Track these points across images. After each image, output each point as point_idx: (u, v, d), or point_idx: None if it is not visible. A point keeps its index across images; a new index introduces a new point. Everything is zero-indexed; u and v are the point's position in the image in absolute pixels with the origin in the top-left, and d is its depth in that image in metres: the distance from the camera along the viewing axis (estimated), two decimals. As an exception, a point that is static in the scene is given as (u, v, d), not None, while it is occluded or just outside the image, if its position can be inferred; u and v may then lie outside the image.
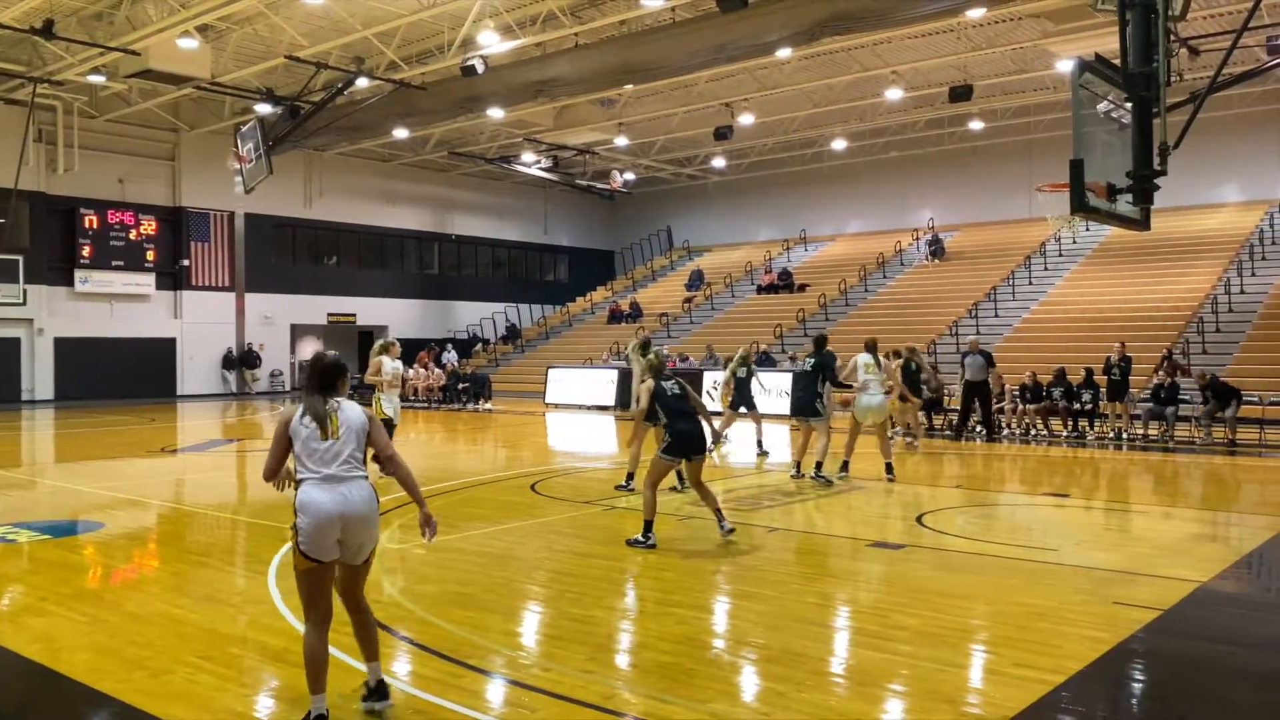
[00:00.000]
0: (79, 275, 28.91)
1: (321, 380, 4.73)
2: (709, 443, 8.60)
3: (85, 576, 7.70)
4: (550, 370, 28.52)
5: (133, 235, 29.84)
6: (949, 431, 18.78)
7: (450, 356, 32.31)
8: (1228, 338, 21.76)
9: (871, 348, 12.30)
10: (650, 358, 9.03)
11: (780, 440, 17.18)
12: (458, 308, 39.10)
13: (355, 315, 35.75)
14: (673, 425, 8.54)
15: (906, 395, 14.83)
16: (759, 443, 15.55)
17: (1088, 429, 18.03)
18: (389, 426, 12.71)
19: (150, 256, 30.26)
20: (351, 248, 36.40)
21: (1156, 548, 8.52)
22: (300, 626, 5.84)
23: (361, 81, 23.28)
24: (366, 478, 4.63)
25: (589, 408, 26.06)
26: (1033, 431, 18.18)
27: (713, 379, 22.79)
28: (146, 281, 30.37)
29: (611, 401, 25.81)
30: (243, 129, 25.15)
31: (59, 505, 11.10)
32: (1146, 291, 25.22)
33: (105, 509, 10.62)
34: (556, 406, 26.82)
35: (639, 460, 11.19)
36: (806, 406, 12.30)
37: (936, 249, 32.39)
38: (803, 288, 32.91)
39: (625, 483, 11.51)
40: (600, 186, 36.89)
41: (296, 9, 21.14)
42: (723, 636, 6.20)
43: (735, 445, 16.37)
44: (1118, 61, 9.39)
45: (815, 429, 12.34)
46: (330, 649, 4.64)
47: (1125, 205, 9.50)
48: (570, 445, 19.54)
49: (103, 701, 4.92)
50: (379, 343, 13.40)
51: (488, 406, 26.72)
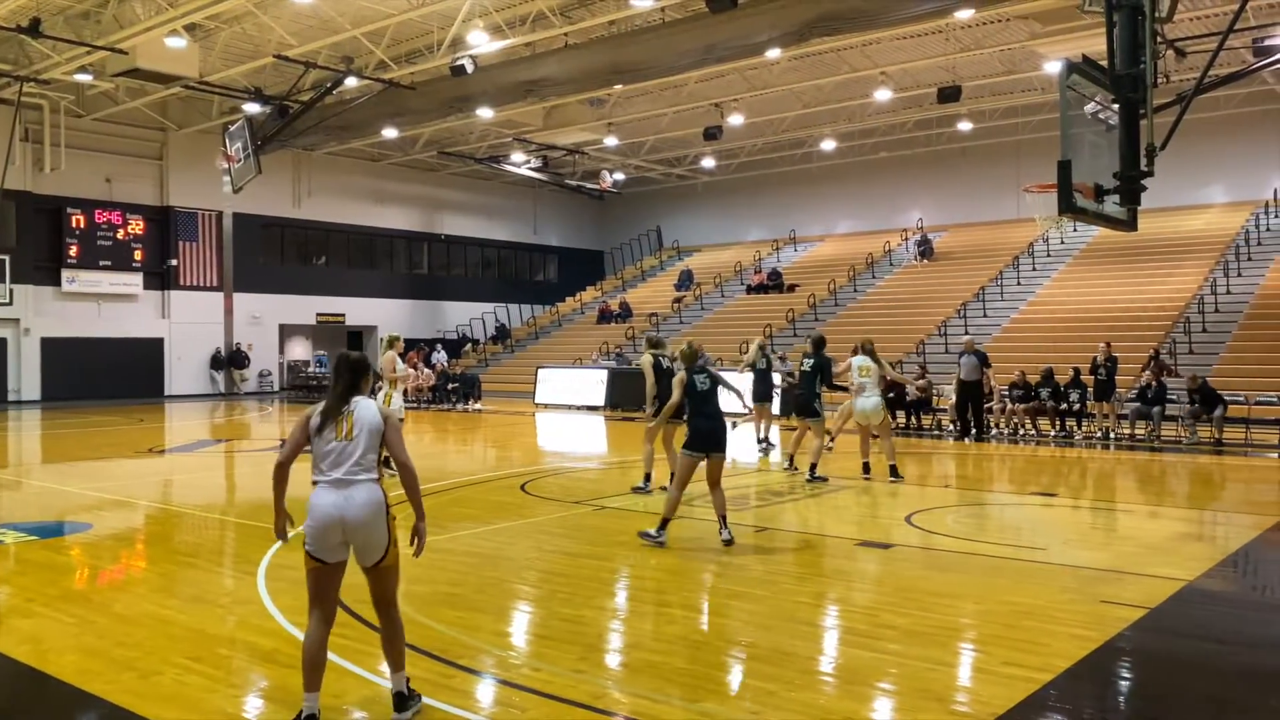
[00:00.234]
0: (66, 275, 28.79)
1: (343, 377, 4.72)
2: (748, 405, 8.75)
3: (73, 577, 7.66)
4: (540, 370, 28.51)
5: (120, 235, 29.73)
6: (937, 431, 18.85)
7: (439, 357, 32.27)
8: (1214, 338, 21.88)
9: (868, 350, 12.30)
10: (685, 348, 8.93)
11: (776, 437, 17.17)
12: (447, 308, 39.05)
13: (344, 315, 35.68)
14: (693, 421, 8.55)
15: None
16: (763, 439, 15.25)
17: (1075, 429, 18.14)
18: None
19: (138, 256, 30.16)
20: (340, 247, 36.32)
21: (1143, 547, 8.56)
22: (290, 627, 5.89)
23: (350, 81, 23.23)
24: (376, 480, 4.61)
25: (578, 408, 26.06)
26: (1021, 431, 18.26)
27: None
28: (134, 281, 30.25)
29: (601, 401, 25.84)
30: (231, 128, 25.08)
31: (46, 506, 11.04)
32: (1134, 292, 25.34)
33: (93, 510, 10.57)
34: (546, 407, 26.81)
35: (653, 460, 11.18)
36: (805, 406, 12.38)
37: (925, 249, 32.48)
38: (792, 288, 32.97)
39: (642, 484, 11.21)
40: (590, 186, 36.93)
41: (285, 8, 21.08)
42: (713, 636, 6.21)
43: (736, 442, 16.19)
44: (1105, 63, 9.45)
45: (812, 428, 12.38)
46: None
47: (1112, 206, 9.56)
48: (560, 445, 19.53)
49: (91, 703, 4.90)
50: (387, 337, 13.24)
51: (477, 407, 26.69)
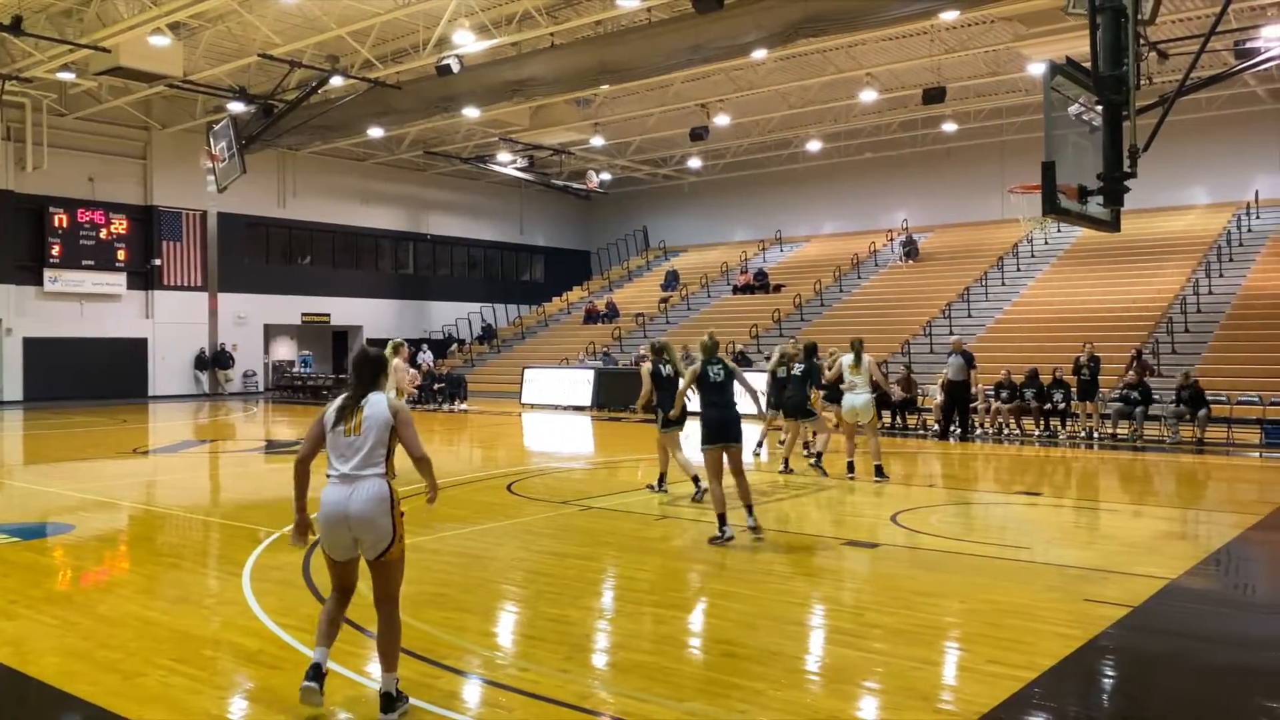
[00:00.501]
0: (48, 275, 28.58)
1: (356, 375, 4.79)
2: (763, 411, 9.18)
3: (55, 579, 7.61)
4: (526, 370, 28.46)
5: (103, 234, 29.54)
6: (923, 430, 18.92)
7: (426, 357, 32.16)
8: (1196, 338, 22.03)
9: (856, 349, 12.43)
10: (705, 340, 9.09)
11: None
12: (433, 308, 38.95)
13: (329, 315, 35.55)
14: (705, 413, 8.69)
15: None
16: (760, 443, 15.02)
17: (1059, 428, 18.24)
18: None
19: (121, 256, 29.97)
20: (326, 247, 36.17)
21: (1126, 545, 8.62)
22: (275, 628, 5.97)
23: (336, 80, 23.16)
24: (383, 475, 4.65)
25: (565, 408, 26.04)
26: (1005, 431, 18.35)
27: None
28: (117, 281, 30.06)
29: (588, 402, 25.81)
30: (215, 127, 24.95)
31: (28, 507, 10.96)
32: (1117, 292, 25.49)
33: (76, 511, 10.50)
34: (533, 407, 26.78)
35: (668, 462, 11.18)
36: (799, 408, 12.75)
37: (910, 250, 32.58)
38: (778, 288, 33.02)
39: (657, 484, 11.32)
40: (576, 186, 36.88)
41: (270, 7, 20.99)
42: (699, 635, 6.22)
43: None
44: (1089, 65, 9.50)
45: (810, 426, 13.30)
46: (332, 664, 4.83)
47: (1096, 207, 9.63)
48: (546, 446, 19.51)
49: (75, 705, 4.87)
50: (391, 344, 13.27)
51: (463, 407, 26.64)
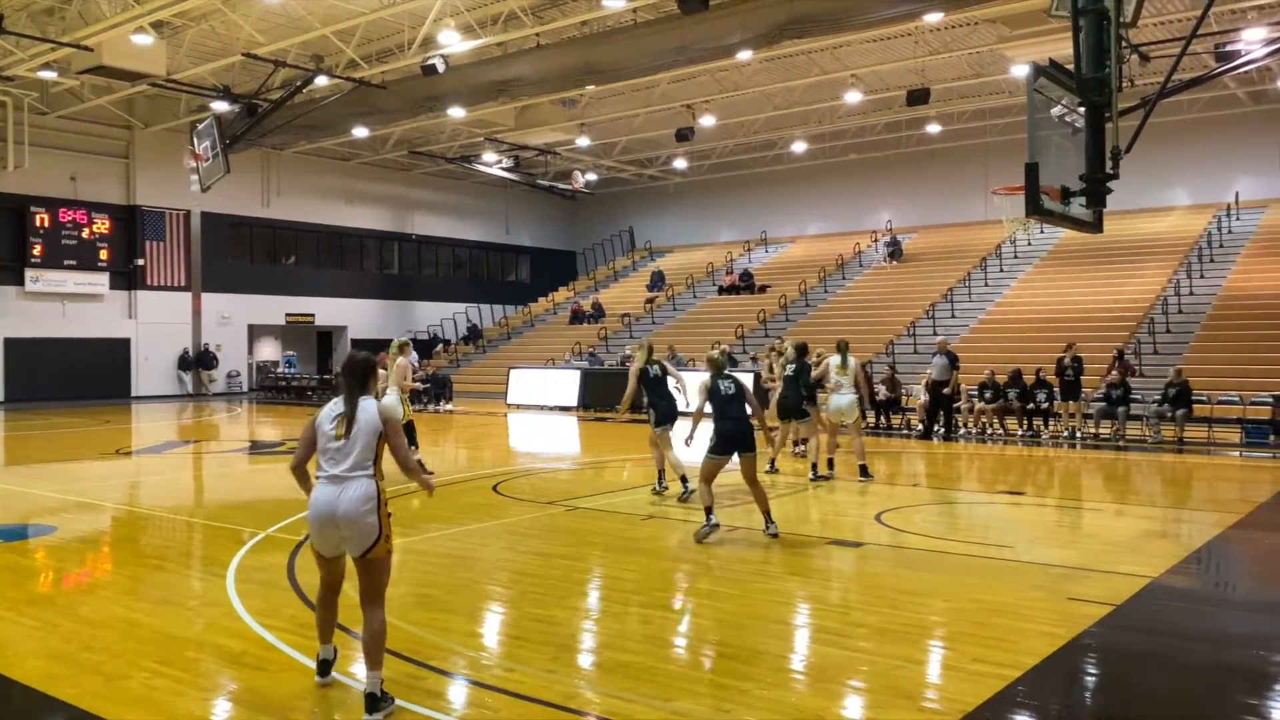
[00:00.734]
0: (30, 274, 28.35)
1: (346, 378, 4.87)
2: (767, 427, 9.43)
3: (37, 581, 7.56)
4: (512, 371, 28.41)
5: (85, 234, 29.34)
6: (906, 430, 18.99)
7: (411, 357, 32.05)
8: (1177, 338, 22.20)
9: (843, 350, 12.51)
10: (715, 355, 9.22)
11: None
12: (418, 308, 38.84)
13: (314, 315, 35.41)
14: (718, 424, 8.82)
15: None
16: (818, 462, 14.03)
17: (1042, 428, 18.34)
18: (409, 429, 12.59)
19: (104, 256, 29.77)
20: (310, 247, 36.02)
21: (1109, 544, 8.68)
22: (259, 629, 5.97)
23: (320, 80, 23.07)
24: (372, 477, 4.73)
25: (551, 408, 26.02)
26: (989, 431, 18.44)
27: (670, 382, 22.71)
28: (100, 281, 29.86)
29: (574, 402, 25.78)
30: (199, 127, 24.83)
31: (9, 508, 10.87)
32: (1099, 293, 25.65)
33: (57, 512, 10.43)
34: (518, 407, 26.74)
35: (663, 460, 11.27)
36: (793, 408, 12.75)
37: (894, 250, 32.70)
38: (763, 289, 33.08)
39: (658, 484, 11.43)
40: (562, 187, 36.85)
41: (254, 6, 20.90)
42: (685, 635, 6.23)
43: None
44: (1072, 67, 9.56)
45: (802, 429, 13.11)
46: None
47: (1079, 208, 9.69)
48: (532, 446, 19.49)
49: (57, 708, 4.84)
50: (397, 342, 13.23)
51: (449, 407, 26.57)
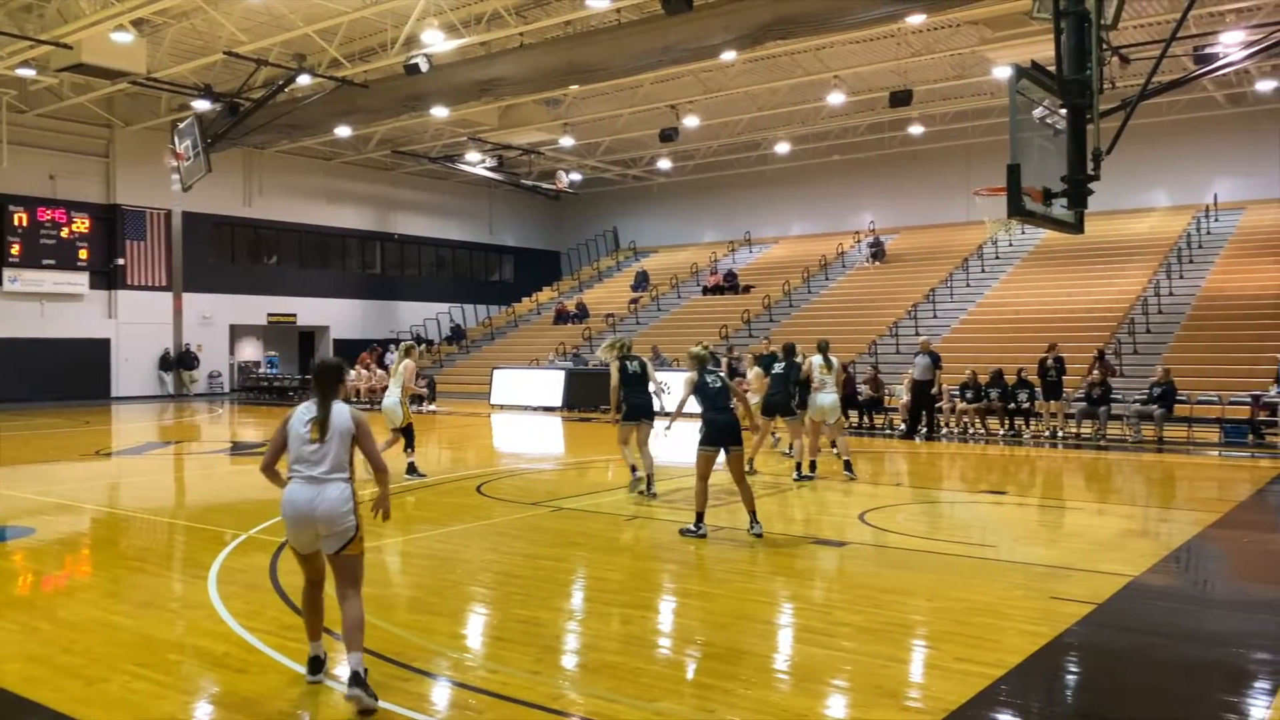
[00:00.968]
0: (8, 274, 28.07)
1: (317, 384, 5.01)
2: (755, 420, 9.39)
3: (16, 584, 7.49)
4: (495, 371, 28.35)
5: (64, 233, 29.07)
6: (889, 430, 19.07)
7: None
8: (1157, 338, 22.38)
9: (823, 349, 12.58)
10: (699, 350, 9.28)
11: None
12: (401, 308, 38.70)
13: (296, 315, 35.21)
14: (706, 416, 8.85)
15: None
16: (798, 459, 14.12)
17: (1024, 428, 18.45)
18: (408, 432, 12.79)
19: (83, 255, 29.51)
20: (292, 247, 35.83)
21: (1090, 543, 8.74)
22: (241, 631, 5.96)
23: (303, 79, 22.94)
24: (347, 480, 4.91)
25: (535, 409, 25.98)
26: (970, 430, 18.53)
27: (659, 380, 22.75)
28: (80, 281, 29.60)
29: (558, 402, 25.75)
30: (180, 126, 24.67)
31: (-13, 511, 10.78)
32: (1080, 293, 25.82)
33: (36, 514, 10.34)
34: (502, 407, 26.69)
35: (634, 455, 11.25)
36: (781, 406, 12.82)
37: (877, 251, 32.83)
38: (747, 289, 33.15)
39: (646, 488, 11.32)
40: (546, 187, 36.77)
41: (236, 4, 20.77)
42: (668, 635, 6.23)
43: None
44: (1053, 69, 9.62)
45: (789, 427, 13.15)
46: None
47: (1060, 209, 9.74)
48: (516, 447, 19.46)
49: (36, 711, 4.79)
50: (403, 345, 13.28)
51: (432, 408, 26.49)
